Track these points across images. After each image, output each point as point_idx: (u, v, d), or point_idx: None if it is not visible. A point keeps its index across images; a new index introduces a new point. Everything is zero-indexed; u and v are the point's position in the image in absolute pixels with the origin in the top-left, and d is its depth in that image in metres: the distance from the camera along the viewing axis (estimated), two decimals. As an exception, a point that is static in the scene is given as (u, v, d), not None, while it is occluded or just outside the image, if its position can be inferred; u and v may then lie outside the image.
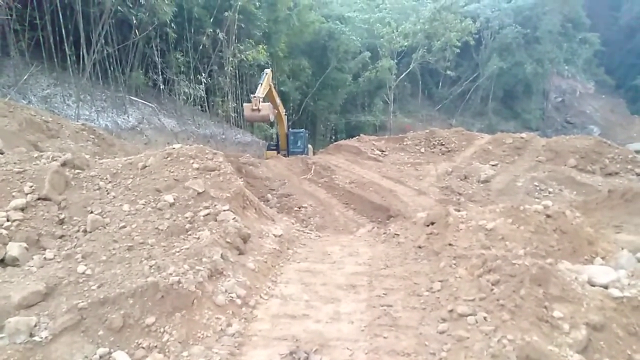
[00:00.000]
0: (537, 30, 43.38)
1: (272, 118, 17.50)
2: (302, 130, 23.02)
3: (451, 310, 4.33)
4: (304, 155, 19.46)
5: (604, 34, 50.86)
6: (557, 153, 15.73)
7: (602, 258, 5.12)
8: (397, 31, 35.77)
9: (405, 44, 36.17)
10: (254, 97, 16.07)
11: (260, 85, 17.00)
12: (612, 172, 14.50)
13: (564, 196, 12.70)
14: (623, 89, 55.14)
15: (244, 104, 16.88)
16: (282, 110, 20.70)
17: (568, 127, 46.35)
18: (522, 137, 17.70)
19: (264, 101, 16.44)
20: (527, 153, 16.56)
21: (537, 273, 4.07)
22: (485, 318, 4.01)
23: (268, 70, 18.32)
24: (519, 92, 47.00)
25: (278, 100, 19.86)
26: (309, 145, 22.57)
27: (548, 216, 5.64)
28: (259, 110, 15.91)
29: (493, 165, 15.89)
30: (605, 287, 4.12)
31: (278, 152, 20.80)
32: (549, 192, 13.09)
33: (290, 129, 22.06)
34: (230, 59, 25.03)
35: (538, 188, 13.39)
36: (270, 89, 18.17)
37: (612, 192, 8.41)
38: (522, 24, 42.70)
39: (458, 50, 38.81)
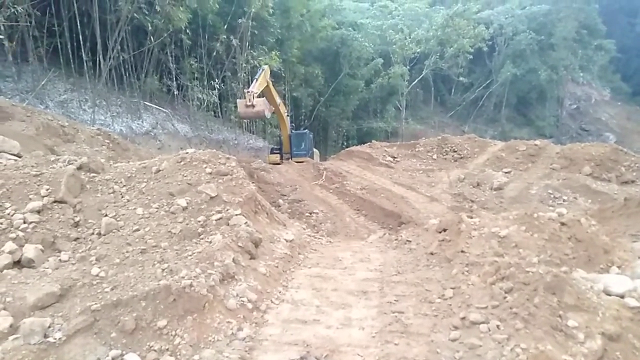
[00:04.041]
0: (551, 37, 43.07)
1: (267, 115, 16.67)
2: (305, 130, 22.08)
3: (463, 318, 4.28)
4: (311, 160, 19.02)
5: (620, 40, 50.21)
6: (572, 161, 15.54)
7: (618, 267, 5.02)
8: (409, 38, 35.79)
9: (418, 50, 36.16)
10: (248, 92, 15.21)
11: (255, 80, 16.08)
12: (628, 180, 14.29)
13: (579, 204, 12.52)
14: (639, 96, 54.32)
15: (238, 100, 16.05)
16: (284, 111, 19.81)
17: (583, 134, 45.75)
18: (535, 144, 17.54)
19: (259, 97, 15.60)
20: (541, 160, 16.40)
21: (552, 281, 4.02)
22: (498, 326, 3.96)
23: (265, 67, 17.62)
24: (533, 99, 46.61)
25: (278, 100, 18.91)
26: (315, 149, 21.62)
27: (562, 224, 5.57)
28: (253, 106, 15.02)
29: (506, 173, 15.75)
30: (622, 296, 4.05)
31: (282, 156, 19.76)
32: (564, 200, 12.92)
33: (292, 131, 20.98)
34: (244, 65, 25.26)
35: (552, 196, 13.23)
36: (268, 86, 17.26)
37: (628, 201, 8.28)
38: (536, 31, 42.41)
39: (471, 57, 38.65)
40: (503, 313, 4.08)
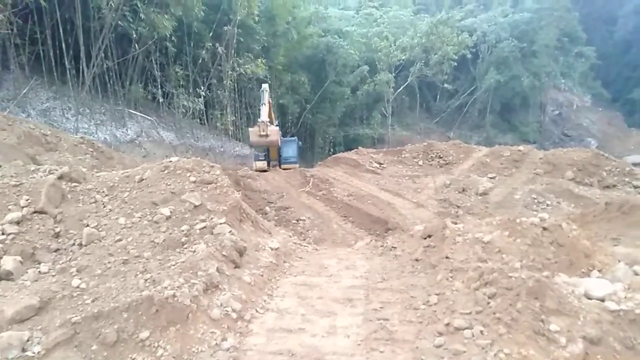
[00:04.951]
0: (533, 44, 43.89)
1: (280, 143, 16.60)
2: (293, 138, 21.80)
3: (448, 324, 4.29)
4: (298, 166, 18.98)
5: (599, 47, 51.39)
6: (555, 166, 15.75)
7: (599, 271, 5.09)
8: (394, 45, 36.11)
9: (403, 57, 36.47)
10: (261, 122, 15.15)
11: (263, 106, 16.05)
12: (610, 184, 14.52)
13: (562, 209, 12.68)
14: (619, 102, 55.60)
15: (250, 129, 16.07)
16: (274, 121, 19.69)
17: (565, 139, 46.55)
18: (519, 150, 17.74)
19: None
20: (525, 166, 16.59)
21: (534, 286, 4.06)
22: (481, 332, 3.99)
23: (266, 86, 17.61)
24: (516, 105, 47.38)
25: (271, 113, 18.95)
26: None
27: (544, 229, 5.63)
28: (267, 135, 14.98)
29: (491, 178, 15.90)
30: (602, 300, 4.10)
31: (269, 164, 19.42)
32: (547, 205, 13.08)
33: (281, 138, 20.58)
34: (229, 72, 25.25)
35: (536, 200, 13.38)
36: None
37: (609, 205, 8.39)
38: (519, 38, 43.20)
39: (455, 64, 39.10)
40: (486, 318, 4.11)
